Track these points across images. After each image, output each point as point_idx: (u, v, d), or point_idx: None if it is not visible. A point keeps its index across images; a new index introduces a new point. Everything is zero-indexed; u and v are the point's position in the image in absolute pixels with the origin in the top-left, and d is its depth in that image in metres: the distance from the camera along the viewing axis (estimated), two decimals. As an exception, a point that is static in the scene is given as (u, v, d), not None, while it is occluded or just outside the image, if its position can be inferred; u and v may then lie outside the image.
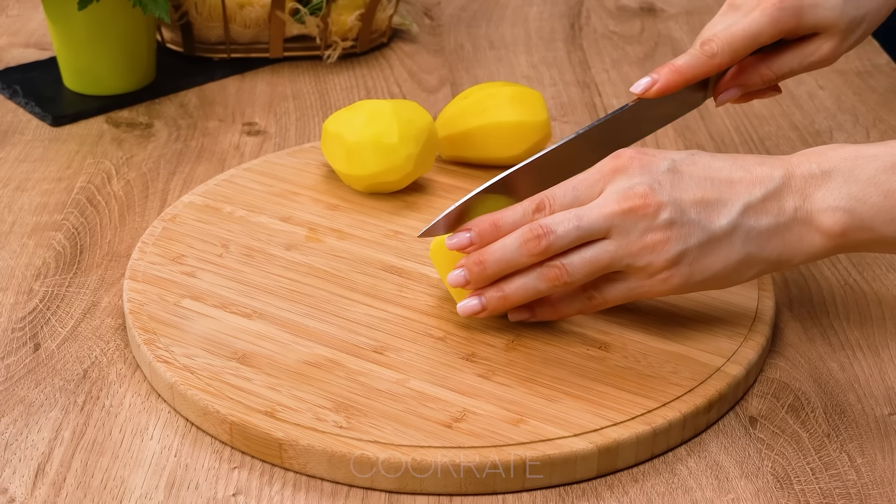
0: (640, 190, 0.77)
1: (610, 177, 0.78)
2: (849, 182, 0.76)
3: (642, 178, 0.77)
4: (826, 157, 0.77)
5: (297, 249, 0.93)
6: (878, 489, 0.75)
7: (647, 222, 0.76)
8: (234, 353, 0.82)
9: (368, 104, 0.98)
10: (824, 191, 0.76)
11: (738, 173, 0.78)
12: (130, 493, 0.74)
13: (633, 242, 0.77)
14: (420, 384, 0.79)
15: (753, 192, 0.77)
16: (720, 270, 0.78)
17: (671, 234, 0.76)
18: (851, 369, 0.86)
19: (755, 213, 0.77)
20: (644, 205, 0.76)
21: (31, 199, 1.03)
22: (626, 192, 0.77)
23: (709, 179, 0.77)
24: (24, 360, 0.85)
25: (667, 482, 0.76)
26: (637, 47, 1.33)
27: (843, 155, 0.77)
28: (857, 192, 0.75)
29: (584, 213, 0.77)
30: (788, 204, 0.77)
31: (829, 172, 0.76)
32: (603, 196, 0.78)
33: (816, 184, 0.76)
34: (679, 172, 0.77)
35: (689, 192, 0.77)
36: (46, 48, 1.29)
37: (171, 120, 1.16)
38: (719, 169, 0.78)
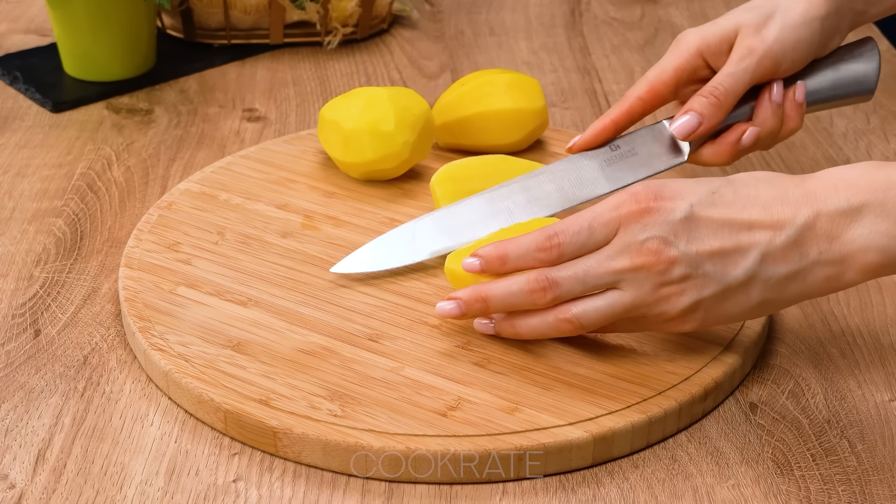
0: (652, 246, 0.74)
1: (625, 222, 0.75)
2: (881, 217, 0.72)
3: (656, 231, 0.74)
4: (856, 189, 0.73)
5: (293, 237, 0.93)
6: (879, 475, 0.75)
7: (659, 278, 0.75)
8: (228, 340, 0.82)
9: (365, 91, 0.98)
10: (855, 230, 0.73)
11: (758, 216, 0.74)
12: (131, 479, 0.74)
13: (646, 295, 0.75)
14: (415, 372, 0.79)
15: (774, 240, 0.74)
16: (736, 314, 0.76)
17: (685, 286, 0.75)
18: (852, 355, 0.85)
19: (774, 262, 0.74)
20: (656, 262, 0.74)
21: (32, 185, 1.03)
22: (639, 248, 0.74)
23: (727, 225, 0.74)
24: (24, 346, 0.85)
25: (667, 468, 0.76)
26: (637, 33, 1.33)
27: (873, 185, 0.73)
28: (891, 229, 0.72)
29: (592, 269, 0.75)
30: (812, 250, 0.74)
31: (860, 209, 0.73)
32: (613, 247, 0.75)
33: (846, 223, 0.73)
34: (696, 220, 0.74)
35: (705, 242, 0.74)
36: (47, 34, 1.29)
37: (171, 106, 1.16)
38: (740, 210, 0.74)
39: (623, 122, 0.93)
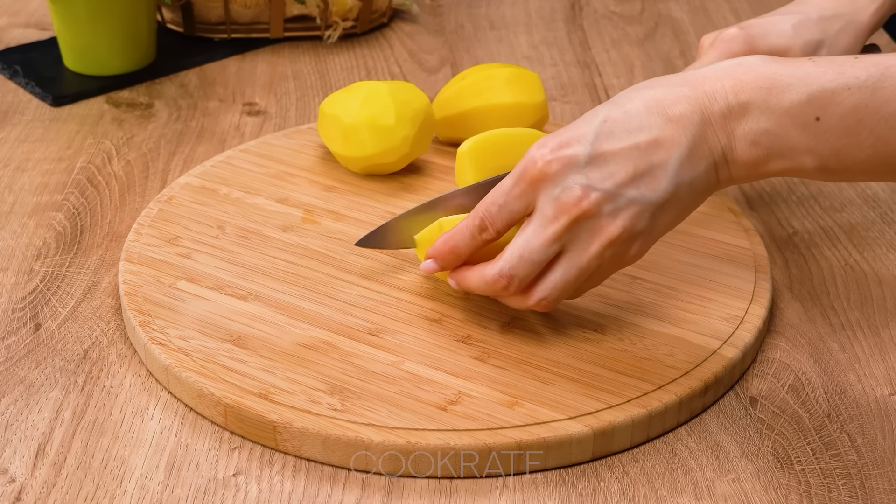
0: (572, 196, 0.74)
1: (536, 184, 0.75)
2: (765, 115, 0.73)
3: (569, 181, 0.74)
4: (740, 84, 0.74)
5: (293, 231, 0.93)
6: (879, 469, 0.75)
7: (592, 223, 0.75)
8: (228, 335, 0.82)
9: (365, 85, 0.98)
10: (743, 125, 0.73)
11: (658, 126, 0.74)
12: (131, 474, 0.74)
13: (589, 245, 0.76)
14: (415, 366, 0.79)
15: (681, 143, 0.74)
16: (678, 220, 0.77)
17: (619, 221, 0.75)
18: (852, 349, 0.85)
19: (690, 164, 0.74)
20: (581, 211, 0.74)
21: (32, 179, 1.03)
22: (560, 204, 0.74)
23: (634, 148, 0.74)
24: (24, 340, 0.85)
25: (667, 462, 0.76)
26: (637, 27, 1.33)
27: (757, 82, 0.73)
28: (775, 127, 0.73)
29: (532, 244, 0.76)
30: (715, 144, 0.74)
31: (745, 105, 0.73)
32: (539, 215, 0.76)
33: (735, 119, 0.74)
34: (602, 156, 0.74)
35: (620, 173, 0.74)
36: (47, 28, 1.29)
37: (171, 100, 1.16)
38: (638, 128, 0.74)
39: None
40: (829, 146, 0.73)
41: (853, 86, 0.72)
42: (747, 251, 0.91)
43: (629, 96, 0.76)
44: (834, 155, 0.73)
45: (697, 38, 1.30)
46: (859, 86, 0.72)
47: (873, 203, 1.02)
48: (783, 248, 0.96)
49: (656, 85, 0.76)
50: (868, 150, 0.72)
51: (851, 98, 0.72)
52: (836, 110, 0.72)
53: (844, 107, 0.72)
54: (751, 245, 0.92)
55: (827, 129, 0.72)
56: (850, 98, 0.72)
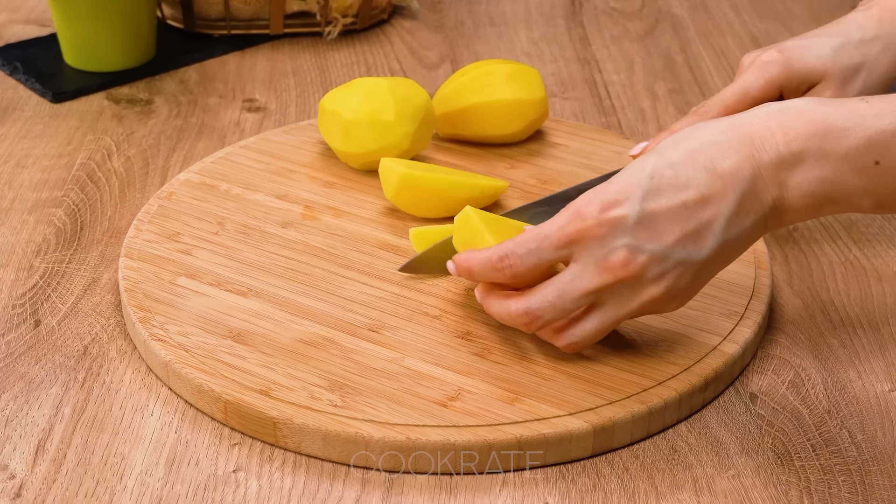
0: (619, 258, 0.73)
1: (578, 241, 0.74)
2: (820, 163, 0.71)
3: (617, 242, 0.73)
4: (791, 133, 0.72)
5: (293, 227, 0.93)
6: (879, 465, 0.75)
7: (636, 283, 0.74)
8: (229, 331, 0.82)
9: (365, 81, 0.98)
10: (797, 176, 0.72)
11: (705, 183, 0.72)
12: (131, 470, 0.74)
13: (629, 303, 0.75)
14: (415, 363, 0.79)
15: (729, 200, 0.72)
16: (718, 272, 0.76)
17: (664, 282, 0.74)
18: (852, 345, 0.85)
19: (738, 220, 0.73)
20: (627, 274, 0.73)
21: (32, 175, 1.03)
22: (606, 264, 0.73)
23: (682, 207, 0.72)
24: (24, 336, 0.85)
25: (667, 458, 0.76)
26: (637, 23, 1.33)
27: (809, 129, 0.72)
28: (832, 176, 0.71)
29: (566, 294, 0.75)
30: (766, 197, 0.73)
31: (799, 155, 0.71)
32: (579, 267, 0.74)
33: (788, 169, 0.72)
34: (650, 217, 0.72)
35: (668, 234, 0.73)
36: (47, 24, 1.29)
37: (171, 96, 1.16)
38: (685, 185, 0.72)
39: None
40: (890, 188, 0.71)
41: None
42: (747, 247, 0.91)
43: (675, 147, 0.73)
44: (893, 195, 0.72)
45: (697, 34, 1.30)
46: None
47: (873, 199, 1.02)
48: (783, 244, 0.96)
49: (701, 134, 0.74)
50: None
51: None
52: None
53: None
54: (751, 241, 0.92)
55: (886, 171, 0.71)
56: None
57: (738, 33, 1.31)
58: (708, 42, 1.29)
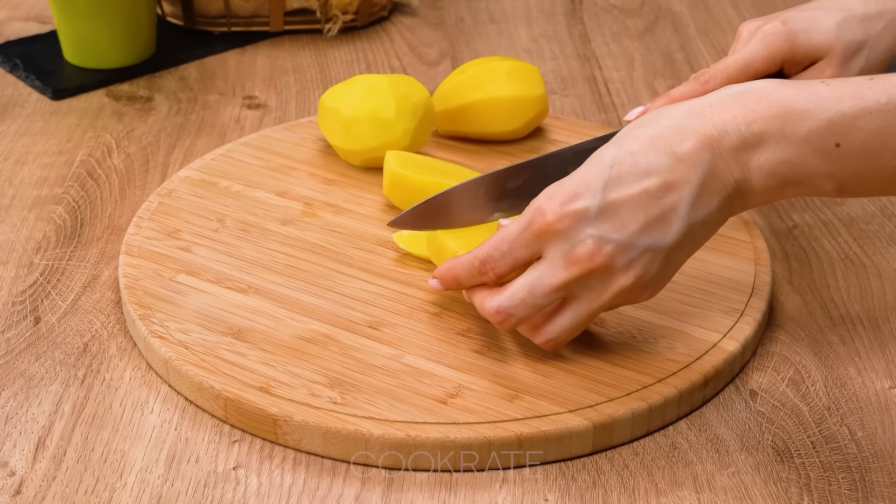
0: (585, 250, 0.73)
1: (543, 238, 0.74)
2: (783, 145, 0.71)
3: (580, 234, 0.73)
4: (752, 115, 0.72)
5: (293, 224, 0.93)
6: (879, 462, 0.75)
7: (605, 274, 0.74)
8: (228, 328, 0.82)
9: (365, 79, 0.98)
10: (759, 157, 0.72)
11: (666, 168, 0.72)
12: (131, 467, 0.74)
13: (601, 294, 0.75)
14: (415, 360, 0.79)
15: (691, 184, 0.72)
16: (690, 255, 0.76)
17: (634, 271, 0.74)
18: (852, 342, 0.85)
19: (702, 203, 0.73)
20: (595, 266, 0.73)
21: (32, 172, 1.03)
22: (572, 257, 0.73)
23: (644, 194, 0.72)
24: (24, 333, 0.85)
25: (667, 456, 0.76)
26: (637, 21, 1.33)
27: (769, 111, 0.72)
28: (794, 157, 0.71)
29: (537, 290, 0.74)
30: (727, 177, 0.72)
31: (760, 136, 0.72)
32: (547, 262, 0.74)
33: (749, 151, 0.72)
34: (612, 206, 0.72)
35: (632, 223, 0.72)
36: (47, 21, 1.29)
37: (171, 93, 1.16)
38: (646, 172, 0.72)
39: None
40: (850, 171, 0.71)
41: (874, 110, 0.70)
42: (747, 244, 0.91)
43: (634, 135, 0.74)
44: (854, 178, 0.72)
45: (697, 31, 1.30)
46: (881, 109, 0.70)
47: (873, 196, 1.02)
48: (783, 241, 0.96)
49: (661, 119, 0.74)
50: (890, 171, 0.71)
51: (873, 122, 0.70)
52: (858, 135, 0.71)
53: (866, 131, 0.70)
54: (751, 238, 0.92)
55: (848, 154, 0.71)
56: (871, 122, 0.70)
57: (737, 30, 1.30)
58: (708, 39, 1.29)
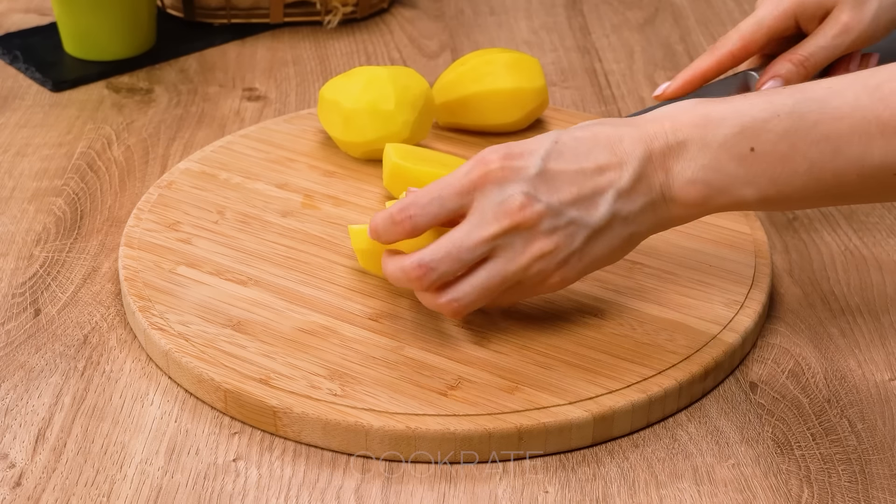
0: (516, 203, 0.74)
1: (480, 186, 0.75)
2: (702, 151, 0.74)
3: (515, 188, 0.74)
4: (678, 124, 0.75)
5: (293, 216, 0.92)
6: (879, 455, 0.75)
7: (529, 233, 0.75)
8: (228, 320, 0.82)
9: (365, 70, 0.98)
10: (681, 164, 0.75)
11: (604, 157, 0.75)
12: (131, 459, 0.74)
13: (520, 255, 0.75)
14: (415, 352, 0.79)
15: (622, 177, 0.75)
16: (607, 255, 0.77)
17: (556, 237, 0.75)
18: (852, 335, 0.85)
19: (628, 198, 0.75)
20: (523, 219, 0.74)
21: (32, 164, 1.03)
22: (503, 209, 0.74)
23: (580, 172, 0.75)
24: (24, 325, 0.85)
25: (667, 448, 0.76)
26: (637, 12, 1.33)
27: (693, 120, 0.75)
28: (712, 162, 0.74)
29: (463, 243, 0.75)
30: (655, 181, 0.75)
31: (683, 143, 0.75)
32: (476, 215, 0.75)
33: (674, 157, 0.75)
34: (549, 173, 0.75)
35: (564, 192, 0.75)
36: (47, 13, 1.29)
37: (171, 85, 1.16)
38: (586, 155, 0.75)
39: (711, 73, 0.94)
40: (766, 176, 0.73)
41: (782, 113, 0.73)
42: (747, 236, 0.91)
43: (581, 126, 0.77)
44: (772, 184, 0.73)
45: (697, 23, 1.30)
46: (788, 112, 0.73)
47: (874, 188, 1.02)
48: (783, 232, 0.96)
49: (605, 123, 0.77)
50: (804, 177, 0.73)
51: (781, 125, 0.72)
52: (769, 138, 0.73)
53: (776, 133, 0.73)
54: (751, 230, 0.92)
55: (762, 158, 0.73)
56: (780, 125, 0.72)
57: (737, 22, 1.30)
58: (708, 31, 1.29)
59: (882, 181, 0.72)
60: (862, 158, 0.71)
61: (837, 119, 0.71)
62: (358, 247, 0.84)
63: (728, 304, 0.84)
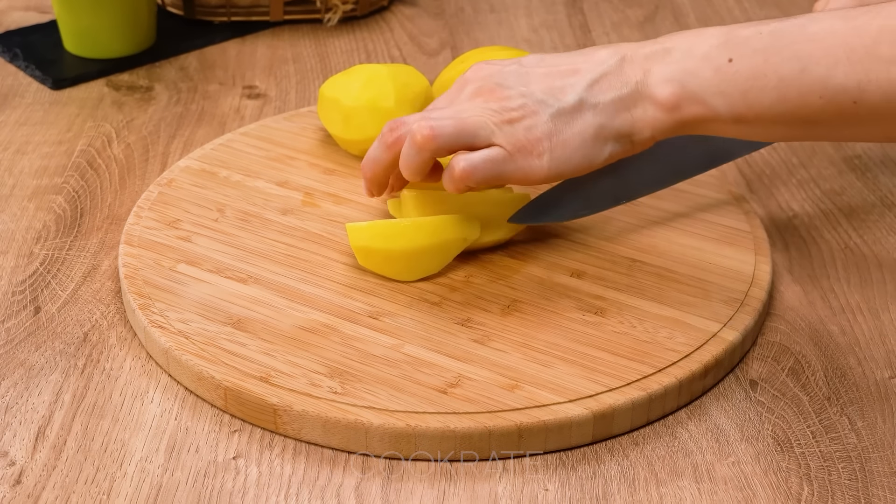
0: (490, 83, 0.81)
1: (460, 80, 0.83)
2: (685, 58, 0.77)
3: (491, 80, 0.81)
4: (671, 38, 0.79)
5: (293, 214, 0.92)
6: (879, 452, 0.75)
7: (501, 104, 0.80)
8: (229, 318, 0.82)
9: (365, 68, 0.98)
10: (662, 65, 0.78)
11: (580, 61, 0.80)
12: (131, 457, 0.74)
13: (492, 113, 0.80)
14: (415, 349, 0.79)
15: (595, 69, 0.79)
16: (578, 145, 0.79)
17: (525, 111, 0.79)
18: (852, 332, 0.85)
19: (599, 88, 0.79)
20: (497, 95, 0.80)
21: (32, 162, 1.03)
22: (479, 88, 0.81)
23: (555, 72, 0.80)
24: (24, 323, 0.85)
25: (667, 446, 0.76)
26: (637, 10, 1.33)
27: (687, 35, 0.78)
28: (691, 67, 0.77)
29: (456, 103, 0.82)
30: (630, 77, 0.78)
31: (670, 50, 0.78)
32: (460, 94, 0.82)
33: (656, 59, 0.78)
34: (525, 71, 0.81)
35: (537, 83, 0.80)
36: (47, 11, 1.29)
37: (171, 83, 1.16)
38: (564, 63, 0.81)
39: None
40: (738, 88, 0.75)
41: (764, 31, 0.75)
42: (747, 234, 0.91)
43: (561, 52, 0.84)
44: (742, 98, 0.75)
45: (698, 20, 1.30)
46: (769, 31, 0.75)
47: (873, 186, 1.02)
48: (783, 230, 0.96)
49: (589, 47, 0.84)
50: (773, 94, 0.74)
51: (761, 42, 0.75)
52: (746, 52, 0.75)
53: (753, 49, 0.75)
54: (751, 228, 0.92)
55: (736, 70, 0.75)
56: (760, 42, 0.75)
57: (737, 20, 1.30)
58: (708, 29, 1.28)
59: (841, 107, 0.73)
60: (825, 79, 0.73)
61: (810, 41, 0.73)
62: (356, 244, 0.84)
63: (728, 301, 0.84)
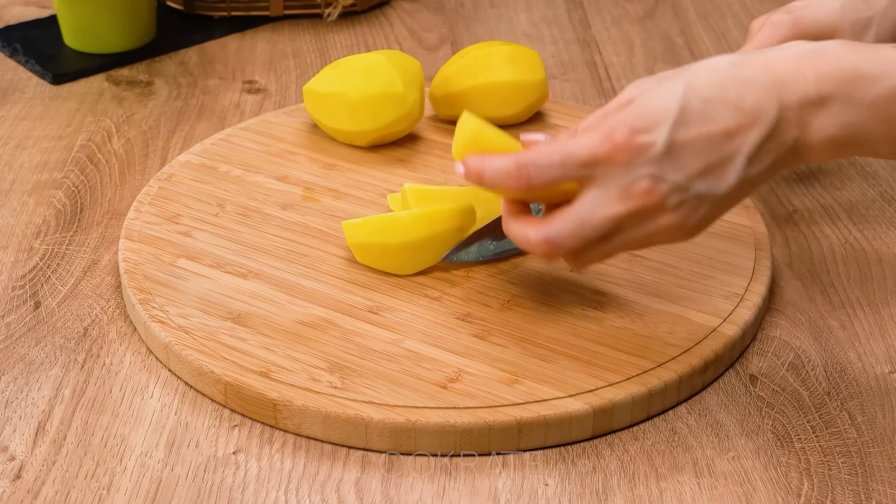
0: (643, 187, 0.72)
1: (605, 161, 0.72)
2: (847, 108, 0.71)
3: (642, 171, 0.71)
4: (822, 75, 0.72)
5: (293, 209, 0.92)
6: (879, 447, 0.75)
7: (655, 212, 0.72)
8: (229, 312, 0.82)
9: (355, 59, 0.98)
10: (820, 120, 0.72)
11: (733, 119, 0.72)
12: (131, 451, 0.74)
13: (644, 229, 0.73)
14: (415, 344, 0.79)
15: (753, 140, 0.72)
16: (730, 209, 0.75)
17: (681, 212, 0.72)
18: (852, 327, 0.85)
19: (758, 159, 0.72)
20: (649, 203, 0.72)
21: (32, 157, 1.03)
22: (629, 191, 0.72)
23: (706, 140, 0.72)
24: (24, 318, 0.85)
25: (667, 440, 0.76)
26: (637, 5, 1.32)
27: (841, 75, 0.71)
28: (856, 120, 0.71)
29: (588, 220, 0.73)
30: (788, 137, 0.72)
31: (827, 98, 0.71)
32: (603, 191, 0.72)
33: (813, 111, 0.71)
34: (676, 147, 0.71)
35: (692, 165, 0.72)
36: (47, 6, 1.29)
37: (171, 78, 1.16)
38: (714, 119, 0.72)
39: None
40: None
41: None
42: (747, 229, 0.91)
43: (707, 79, 0.73)
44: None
45: (697, 15, 1.30)
46: None
47: (873, 181, 1.02)
48: (783, 225, 0.96)
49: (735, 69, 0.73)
50: None
51: None
52: None
53: None
54: (751, 223, 0.92)
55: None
56: None
57: (737, 14, 1.30)
58: (708, 24, 1.29)
59: None
60: None
61: None
62: (353, 241, 0.84)
63: (728, 296, 0.84)
